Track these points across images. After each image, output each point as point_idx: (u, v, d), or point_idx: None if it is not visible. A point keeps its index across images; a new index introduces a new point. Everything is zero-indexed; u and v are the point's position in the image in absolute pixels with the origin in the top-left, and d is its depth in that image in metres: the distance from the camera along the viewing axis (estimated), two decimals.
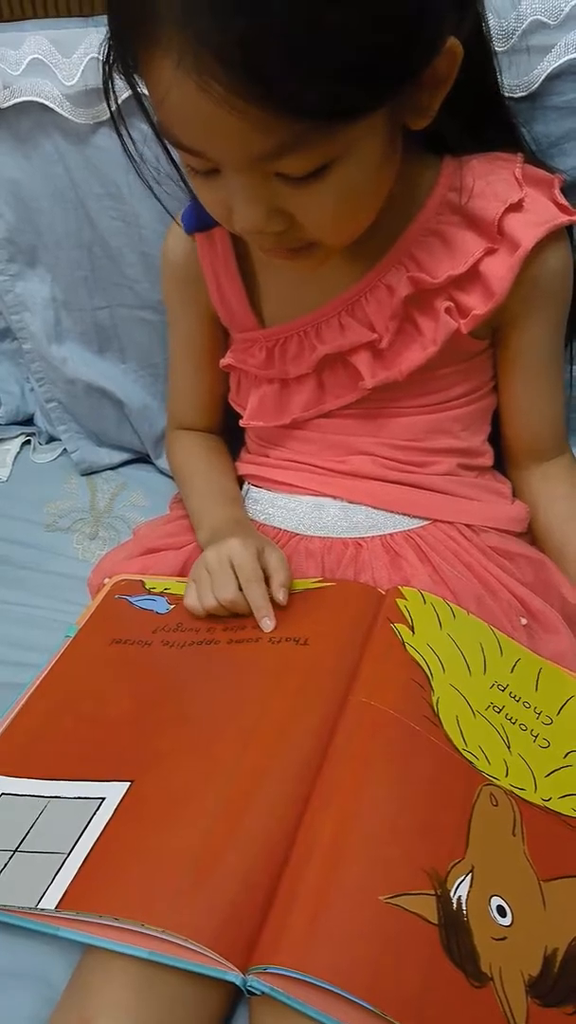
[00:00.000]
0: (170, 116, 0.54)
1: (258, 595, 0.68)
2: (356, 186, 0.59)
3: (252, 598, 0.68)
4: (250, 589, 0.68)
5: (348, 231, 0.64)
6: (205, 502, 0.83)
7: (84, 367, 1.01)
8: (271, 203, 0.58)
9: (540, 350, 0.75)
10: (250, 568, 0.69)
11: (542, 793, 0.57)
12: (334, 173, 0.56)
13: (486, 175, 0.68)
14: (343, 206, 0.60)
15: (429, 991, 0.45)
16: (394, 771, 0.54)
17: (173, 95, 0.52)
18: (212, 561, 0.71)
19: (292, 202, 0.58)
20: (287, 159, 0.54)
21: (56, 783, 0.58)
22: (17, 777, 0.59)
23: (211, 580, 0.70)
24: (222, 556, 0.70)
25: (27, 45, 0.81)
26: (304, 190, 0.57)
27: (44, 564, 0.93)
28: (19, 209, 0.92)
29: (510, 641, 0.68)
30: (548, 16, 0.71)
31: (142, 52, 0.52)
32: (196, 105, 0.51)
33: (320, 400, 0.78)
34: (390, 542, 0.76)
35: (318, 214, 0.60)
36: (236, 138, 0.53)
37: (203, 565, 0.72)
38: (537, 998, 0.47)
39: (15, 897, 0.51)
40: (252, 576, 0.69)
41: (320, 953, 0.45)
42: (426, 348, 0.71)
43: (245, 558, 0.69)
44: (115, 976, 0.49)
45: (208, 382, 0.88)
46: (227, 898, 0.48)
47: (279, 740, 0.57)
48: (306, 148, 0.53)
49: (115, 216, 0.89)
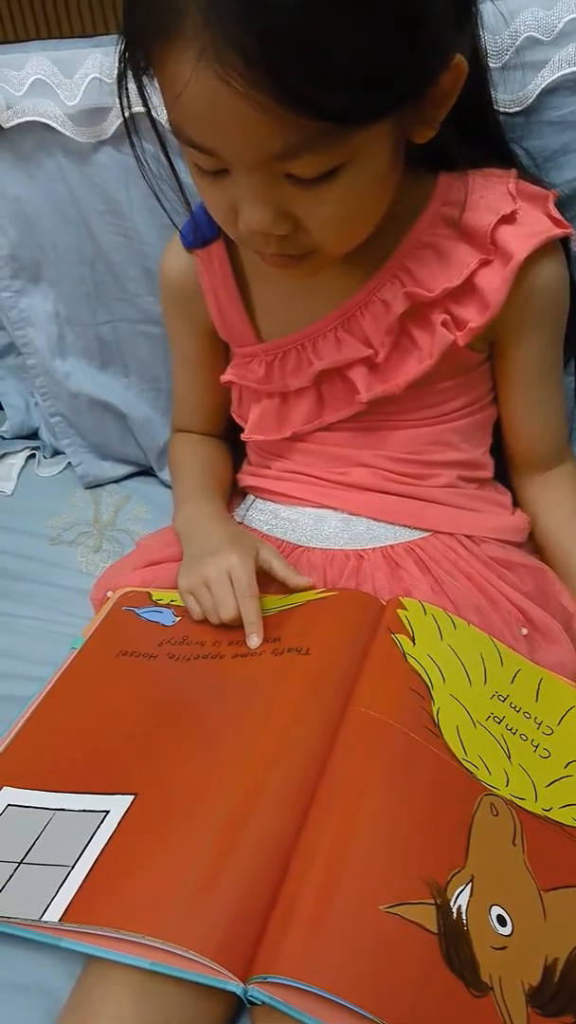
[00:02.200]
0: (186, 111, 0.55)
1: (252, 611, 0.69)
2: (362, 192, 0.60)
3: (246, 614, 0.69)
4: (245, 605, 0.69)
5: (349, 238, 0.65)
6: (186, 489, 0.85)
7: (87, 381, 1.02)
8: (279, 205, 0.59)
9: (538, 362, 0.76)
10: (246, 584, 0.70)
11: (543, 803, 0.57)
12: (343, 177, 0.57)
13: (480, 189, 0.69)
14: (349, 211, 0.61)
15: (428, 1000, 0.45)
16: (394, 781, 0.55)
17: (192, 88, 0.52)
18: (213, 577, 0.71)
19: (300, 205, 0.59)
20: (300, 160, 0.55)
21: (61, 795, 0.58)
22: (23, 788, 0.60)
23: (212, 597, 0.71)
24: (221, 571, 0.71)
25: (30, 66, 0.82)
26: (313, 192, 0.57)
27: (48, 577, 0.93)
28: (22, 226, 0.92)
29: (510, 652, 0.68)
30: (542, 32, 0.72)
31: (160, 46, 0.53)
32: (216, 98, 0.51)
33: (319, 413, 0.78)
34: (391, 553, 0.76)
35: (324, 218, 0.60)
36: (252, 134, 0.53)
37: (202, 580, 0.72)
38: (537, 1008, 0.47)
39: (19, 909, 0.51)
40: (248, 592, 0.70)
41: (320, 962, 0.45)
42: (423, 361, 0.72)
43: (242, 573, 0.70)
44: (115, 988, 0.49)
45: (208, 393, 0.89)
46: (229, 909, 0.48)
47: (280, 751, 0.57)
48: (319, 150, 0.54)
49: (116, 232, 0.90)
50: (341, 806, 0.53)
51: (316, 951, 0.46)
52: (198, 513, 0.81)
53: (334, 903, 0.48)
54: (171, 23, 0.51)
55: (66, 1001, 0.52)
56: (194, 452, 0.91)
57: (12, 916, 0.51)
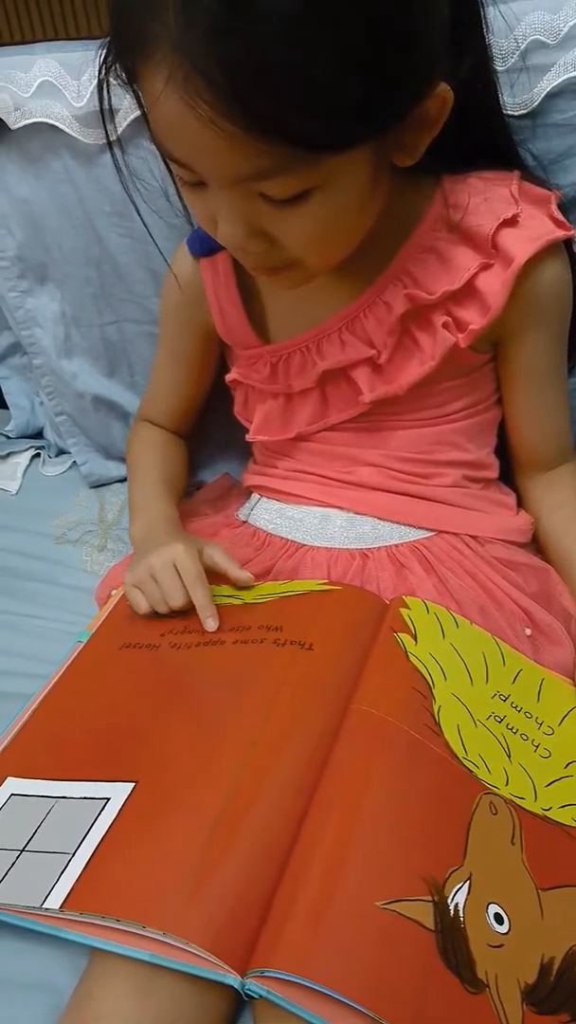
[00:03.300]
0: (159, 126, 0.56)
1: (202, 595, 0.70)
2: (337, 214, 0.60)
3: (197, 599, 0.70)
4: (195, 590, 0.71)
5: (328, 256, 0.65)
6: (146, 495, 0.86)
7: (93, 381, 1.03)
8: (253, 222, 0.59)
9: (540, 364, 0.76)
10: (194, 571, 0.71)
11: (542, 803, 0.58)
12: (315, 199, 0.57)
13: (483, 192, 0.69)
14: (323, 232, 0.61)
15: (425, 996, 0.45)
16: (394, 779, 0.55)
17: (162, 106, 0.53)
18: (158, 567, 0.72)
19: (274, 223, 0.59)
20: (270, 182, 0.55)
21: (63, 783, 0.59)
22: (27, 778, 0.60)
23: (159, 587, 0.72)
24: (166, 561, 0.72)
25: (37, 67, 0.82)
26: (286, 213, 0.58)
27: (53, 576, 0.93)
28: (29, 227, 0.93)
29: (512, 651, 0.68)
30: (547, 36, 0.73)
31: (135, 62, 0.54)
32: (183, 120, 0.52)
33: (324, 414, 0.79)
34: (395, 553, 0.76)
35: (298, 237, 0.61)
36: (219, 157, 0.54)
37: (148, 571, 0.73)
38: (533, 1006, 0.47)
39: (21, 896, 0.51)
40: (196, 578, 0.71)
41: (318, 957, 0.45)
42: (425, 363, 0.72)
43: (188, 562, 0.71)
44: (117, 983, 0.49)
45: (185, 391, 0.91)
46: (227, 902, 0.48)
47: (282, 745, 0.57)
48: (287, 174, 0.55)
49: (123, 233, 0.91)
50: (342, 802, 0.53)
51: (314, 946, 0.46)
52: (154, 520, 0.81)
53: (332, 899, 0.48)
54: (145, 42, 0.52)
55: (70, 996, 0.52)
56: (156, 455, 0.92)
57: (14, 904, 0.51)
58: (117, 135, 0.64)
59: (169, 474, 0.90)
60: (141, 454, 0.93)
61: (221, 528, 0.85)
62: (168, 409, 0.93)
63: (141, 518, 0.83)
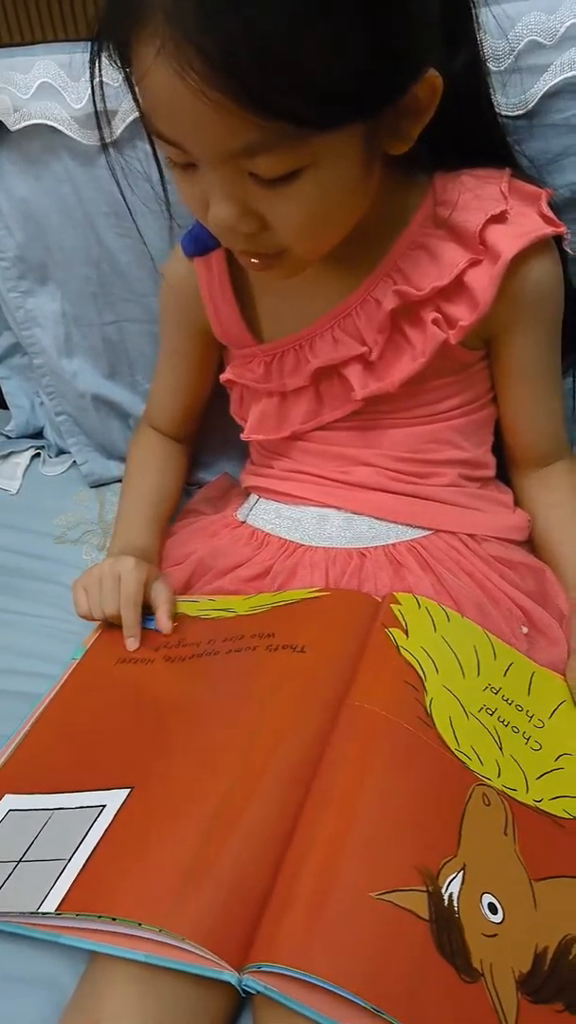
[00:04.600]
0: (150, 102, 0.56)
1: (130, 617, 0.74)
2: (326, 197, 0.60)
3: (125, 618, 0.75)
4: (125, 610, 0.75)
5: (316, 242, 0.65)
6: (134, 512, 0.89)
7: (93, 381, 1.03)
8: (244, 202, 0.59)
9: (533, 361, 0.76)
10: (133, 591, 0.75)
11: (533, 794, 0.58)
12: (304, 180, 0.57)
13: (473, 189, 0.69)
14: (313, 214, 0.61)
15: (420, 986, 0.45)
16: (388, 772, 0.55)
17: (152, 78, 0.53)
18: (106, 574, 0.76)
19: (264, 203, 0.59)
20: (259, 159, 0.55)
21: (60, 796, 0.59)
22: (24, 794, 0.61)
23: (100, 593, 0.75)
24: (114, 572, 0.76)
25: (36, 69, 0.83)
26: (275, 193, 0.58)
27: (54, 576, 0.93)
28: (29, 227, 0.94)
29: (503, 645, 0.68)
30: (544, 36, 0.73)
31: (127, 37, 0.54)
32: (173, 91, 0.52)
33: (318, 412, 0.79)
34: (393, 552, 0.77)
35: (287, 218, 0.61)
36: (209, 131, 0.54)
37: (97, 574, 0.76)
38: (528, 995, 0.47)
39: (17, 903, 0.52)
40: (131, 600, 0.75)
41: (314, 950, 0.46)
42: (416, 359, 0.72)
43: (131, 581, 0.75)
44: (120, 980, 0.50)
45: (187, 393, 0.91)
46: (223, 898, 0.49)
47: (277, 744, 0.58)
48: (276, 151, 0.55)
49: (122, 233, 0.91)
50: (337, 796, 0.53)
51: (310, 940, 0.46)
52: (130, 547, 0.83)
53: (328, 892, 0.48)
54: (136, 15, 0.52)
55: (73, 992, 0.53)
56: (155, 466, 0.94)
57: (11, 910, 0.52)
58: (113, 137, 0.65)
59: (164, 494, 0.92)
60: (141, 461, 0.94)
61: (220, 528, 0.86)
62: (171, 412, 0.94)
63: (122, 539, 0.85)
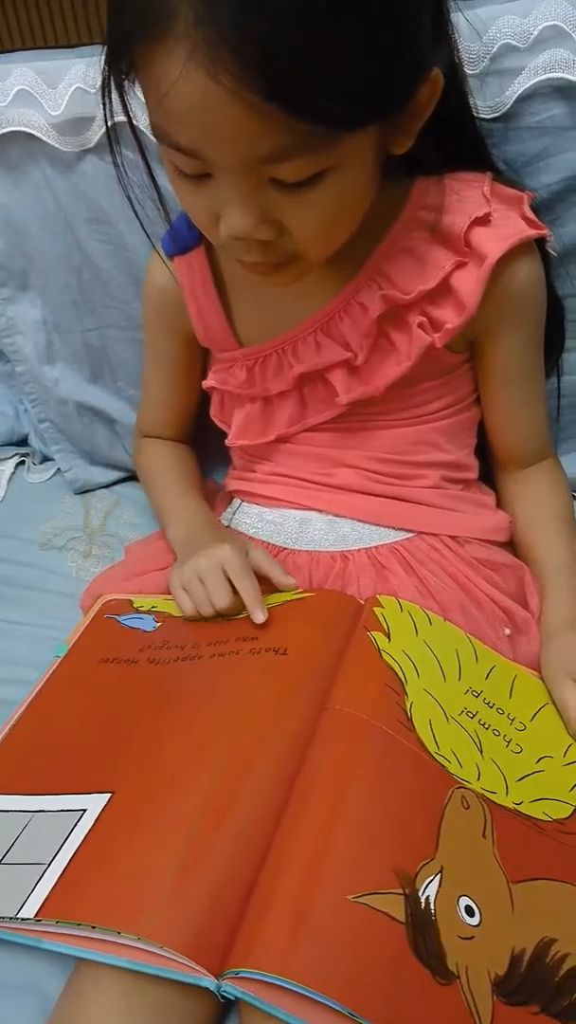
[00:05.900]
0: (172, 112, 0.54)
1: (249, 587, 0.70)
2: (344, 198, 0.60)
3: (244, 591, 0.70)
4: (243, 584, 0.71)
5: (331, 243, 0.65)
6: (176, 498, 0.86)
7: (76, 387, 1.03)
8: (263, 210, 0.59)
9: (517, 362, 0.77)
10: (240, 567, 0.71)
11: (513, 797, 0.58)
12: (326, 183, 0.57)
13: (455, 192, 0.70)
14: (331, 216, 0.61)
15: (396, 988, 0.45)
16: (368, 775, 0.55)
17: (180, 87, 0.52)
18: (205, 569, 0.72)
19: (282, 209, 0.59)
20: (285, 163, 0.55)
21: (41, 798, 0.59)
22: (4, 795, 0.60)
23: (206, 588, 0.72)
24: (214, 563, 0.72)
25: (14, 76, 0.83)
26: (294, 197, 0.58)
27: (40, 583, 0.94)
28: (9, 235, 0.93)
29: (485, 648, 0.68)
30: (517, 40, 0.73)
31: (147, 46, 0.53)
32: (205, 96, 0.51)
33: (303, 415, 0.79)
34: (376, 555, 0.77)
35: (305, 222, 0.60)
36: (240, 135, 0.53)
37: (195, 573, 0.73)
38: (503, 997, 0.47)
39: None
40: (242, 572, 0.71)
41: (292, 956, 0.46)
42: (401, 363, 0.72)
43: (236, 562, 0.72)
44: (106, 986, 0.50)
45: (179, 398, 0.91)
46: (203, 904, 0.49)
47: (259, 748, 0.58)
48: (306, 154, 0.55)
49: (103, 240, 0.91)
50: (317, 800, 0.53)
51: (288, 945, 0.46)
52: (194, 521, 0.82)
53: (307, 897, 0.48)
54: (160, 22, 0.51)
55: (58, 997, 0.53)
56: (170, 461, 0.92)
57: None
58: (113, 122, 0.64)
59: (190, 475, 0.91)
60: (156, 465, 0.93)
61: None
62: (166, 419, 0.93)
63: (178, 520, 0.83)
